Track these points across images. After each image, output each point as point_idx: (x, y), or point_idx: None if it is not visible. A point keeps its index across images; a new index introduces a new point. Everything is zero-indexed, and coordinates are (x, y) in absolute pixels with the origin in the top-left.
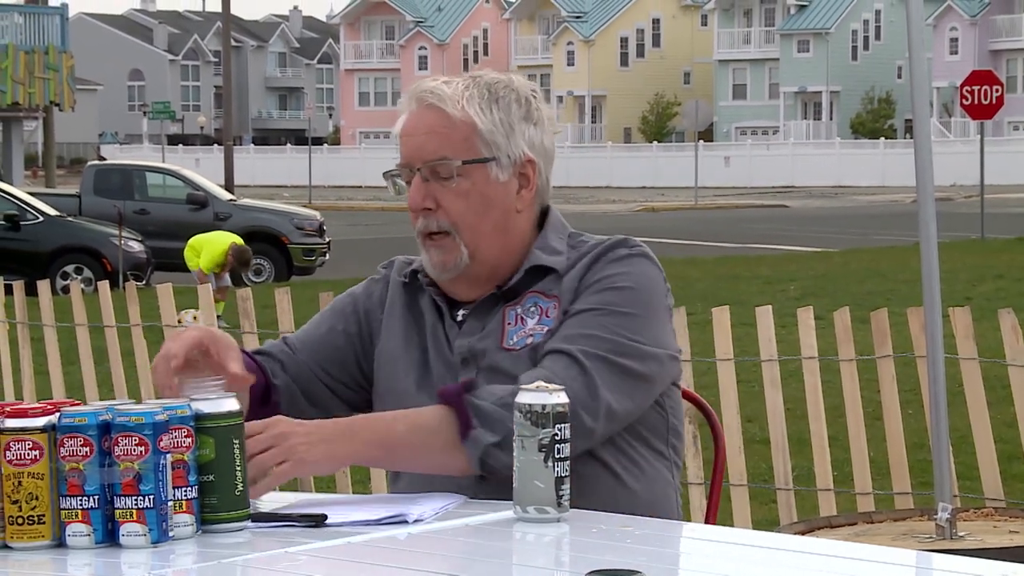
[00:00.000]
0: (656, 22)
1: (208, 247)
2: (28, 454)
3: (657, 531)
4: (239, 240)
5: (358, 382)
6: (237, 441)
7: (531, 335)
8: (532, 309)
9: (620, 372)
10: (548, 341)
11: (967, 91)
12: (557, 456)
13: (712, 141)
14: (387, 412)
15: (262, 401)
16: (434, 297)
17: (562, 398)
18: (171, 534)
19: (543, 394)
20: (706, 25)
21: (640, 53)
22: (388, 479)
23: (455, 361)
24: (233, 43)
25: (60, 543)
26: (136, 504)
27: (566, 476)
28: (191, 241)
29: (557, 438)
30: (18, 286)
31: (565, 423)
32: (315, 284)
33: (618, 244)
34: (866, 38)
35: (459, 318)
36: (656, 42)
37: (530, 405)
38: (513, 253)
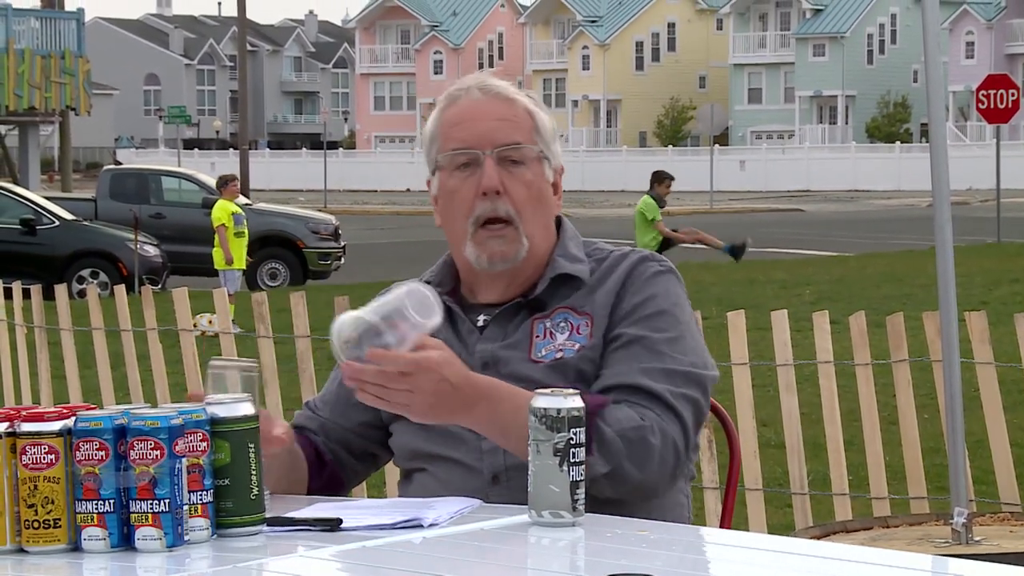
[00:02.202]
0: (671, 26)
1: (215, 218)
2: (44, 458)
3: (672, 536)
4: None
5: (380, 419)
6: (252, 445)
7: (560, 350)
8: (562, 324)
9: (698, 408)
10: (610, 369)
11: (983, 95)
12: (572, 460)
13: (727, 145)
14: (519, 393)
15: (319, 465)
16: (449, 305)
17: (576, 402)
18: (186, 538)
19: (558, 398)
20: (721, 29)
21: (655, 57)
22: (399, 485)
23: (474, 364)
24: (249, 47)
25: (76, 547)
26: (151, 508)
27: (581, 480)
28: (216, 246)
29: (572, 442)
30: (36, 290)
31: (580, 427)
32: (330, 288)
33: (646, 259)
34: (882, 42)
35: (479, 323)
36: (671, 46)
37: (545, 409)
38: (540, 258)
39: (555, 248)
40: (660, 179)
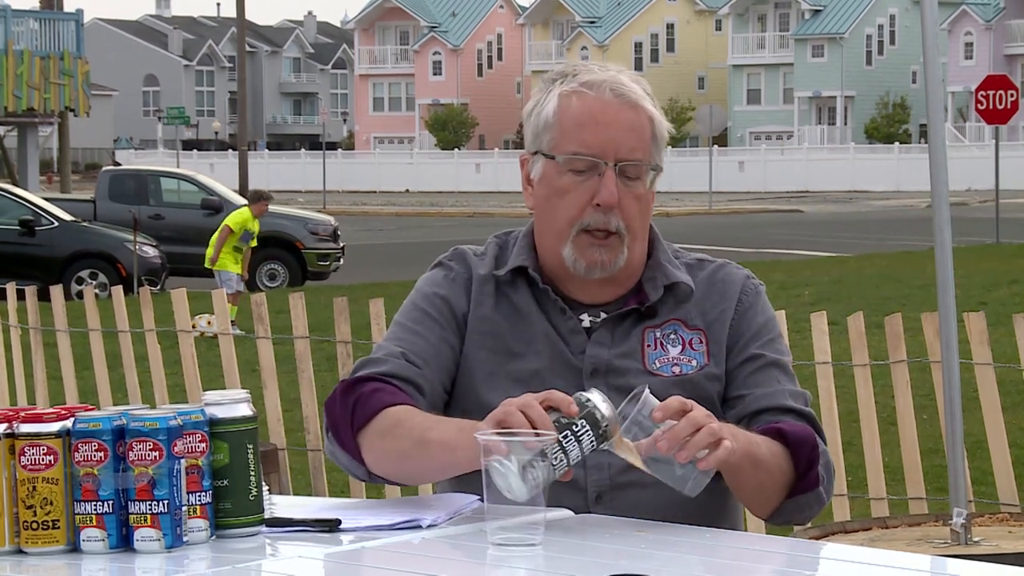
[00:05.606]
0: (670, 27)
1: (228, 218)
2: (43, 459)
3: (671, 536)
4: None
5: (448, 390)
6: (251, 446)
7: (676, 364)
8: (672, 337)
9: None
10: (757, 390)
11: (982, 96)
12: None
13: (726, 146)
14: (752, 435)
15: None
16: (555, 297)
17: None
18: (185, 539)
19: None
20: (720, 30)
21: (654, 58)
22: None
23: (583, 369)
24: (248, 48)
25: (74, 548)
26: (150, 509)
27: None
28: (211, 240)
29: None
30: (30, 291)
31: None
32: (329, 289)
33: (749, 276)
34: (880, 43)
35: (585, 324)
36: (671, 47)
37: None
38: (636, 264)
39: (656, 253)
40: None
